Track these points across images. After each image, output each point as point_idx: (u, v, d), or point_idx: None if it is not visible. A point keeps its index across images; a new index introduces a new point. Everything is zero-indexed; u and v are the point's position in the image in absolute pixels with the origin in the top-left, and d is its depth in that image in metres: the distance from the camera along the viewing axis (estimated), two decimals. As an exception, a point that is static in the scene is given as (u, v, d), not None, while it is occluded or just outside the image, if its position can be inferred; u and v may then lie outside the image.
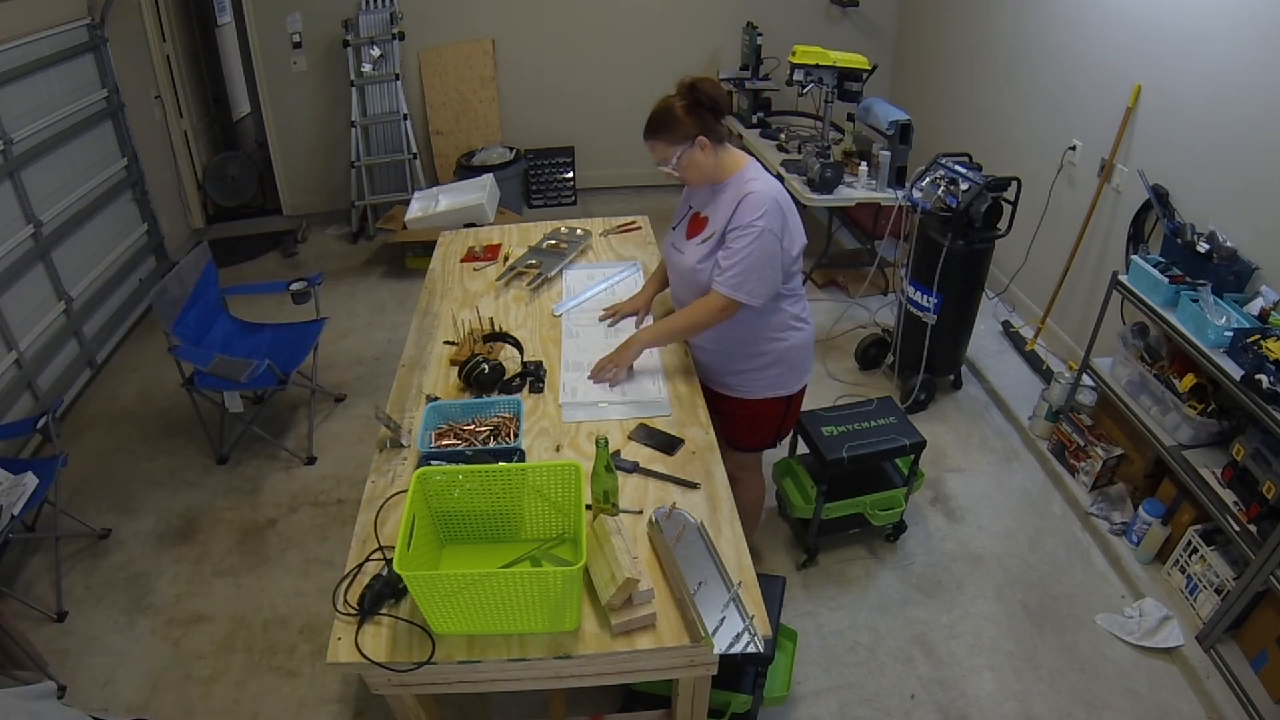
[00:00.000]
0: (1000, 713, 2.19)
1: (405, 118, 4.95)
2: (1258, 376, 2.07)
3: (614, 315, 2.34)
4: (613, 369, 2.04)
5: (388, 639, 1.42)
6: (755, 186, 1.90)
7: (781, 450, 2.75)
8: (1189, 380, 2.45)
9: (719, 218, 1.96)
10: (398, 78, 4.90)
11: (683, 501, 1.69)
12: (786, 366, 2.12)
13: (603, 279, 2.58)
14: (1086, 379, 2.93)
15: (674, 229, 2.15)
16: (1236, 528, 2.19)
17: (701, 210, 2.05)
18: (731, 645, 1.39)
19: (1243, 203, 2.57)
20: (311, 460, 3.20)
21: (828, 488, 2.49)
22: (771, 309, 2.01)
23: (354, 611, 1.46)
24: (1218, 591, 2.31)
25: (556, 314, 2.40)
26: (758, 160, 2.02)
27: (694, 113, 1.89)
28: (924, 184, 3.09)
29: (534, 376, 2.08)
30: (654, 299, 2.35)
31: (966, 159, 3.13)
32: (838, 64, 3.77)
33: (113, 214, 4.10)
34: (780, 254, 1.91)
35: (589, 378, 2.08)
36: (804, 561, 2.64)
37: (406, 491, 1.47)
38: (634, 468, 1.80)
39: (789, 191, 2.09)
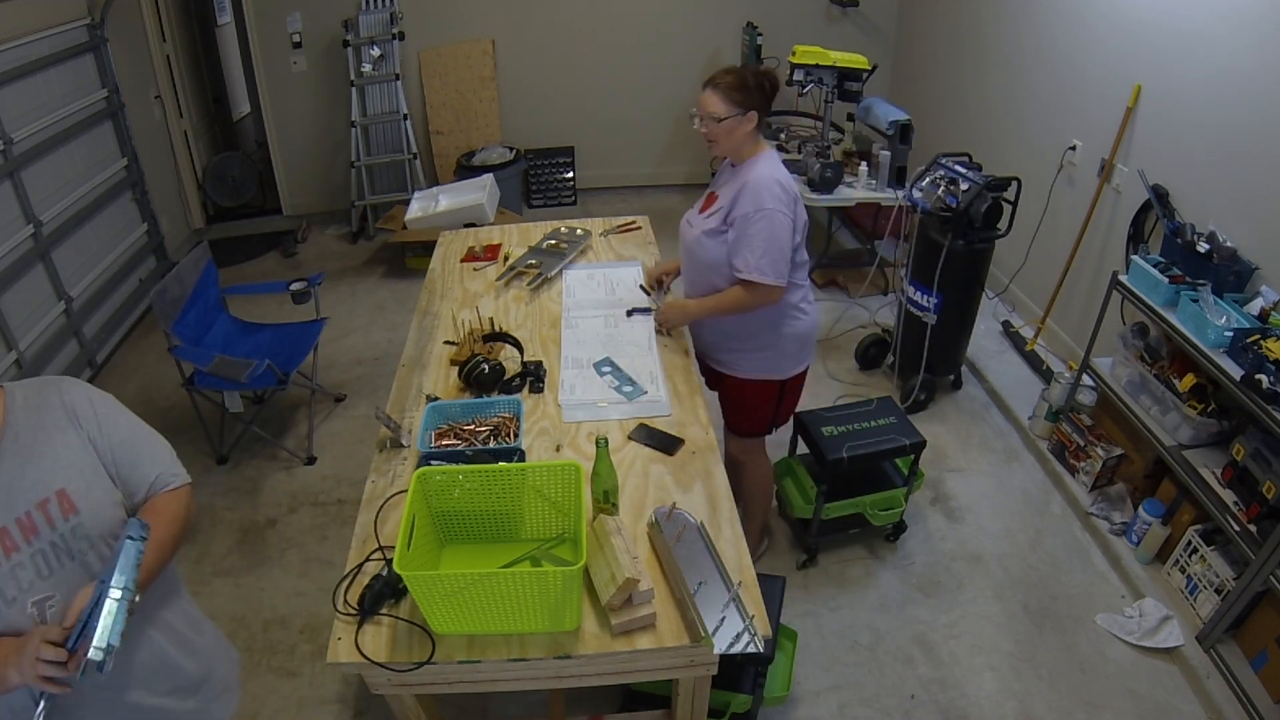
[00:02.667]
0: (1000, 713, 2.19)
1: (405, 118, 4.96)
2: (1258, 376, 2.07)
3: (658, 280, 2.45)
4: (664, 321, 2.26)
5: (388, 639, 1.42)
6: (758, 171, 2.00)
7: (781, 450, 2.76)
8: (1189, 380, 2.45)
9: (727, 196, 2.06)
10: (398, 78, 4.90)
11: (683, 501, 1.70)
12: (779, 352, 2.19)
13: (603, 282, 2.58)
14: (1086, 379, 2.93)
15: (693, 207, 2.26)
16: (1236, 528, 2.19)
17: (717, 190, 2.17)
18: (731, 645, 1.39)
19: (1243, 203, 2.57)
20: (311, 460, 3.20)
21: (828, 488, 2.49)
22: None
23: (354, 611, 1.46)
24: (1218, 591, 2.31)
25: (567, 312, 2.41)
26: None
27: (760, 91, 2.00)
28: (924, 184, 3.09)
29: (534, 376, 2.08)
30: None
31: (966, 159, 3.13)
32: (838, 64, 3.77)
33: (113, 214, 4.10)
34: (792, 232, 2.01)
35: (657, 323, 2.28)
36: (804, 561, 2.64)
37: (406, 491, 1.47)
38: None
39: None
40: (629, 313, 2.39)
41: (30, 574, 1.12)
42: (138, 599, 1.08)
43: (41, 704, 1.10)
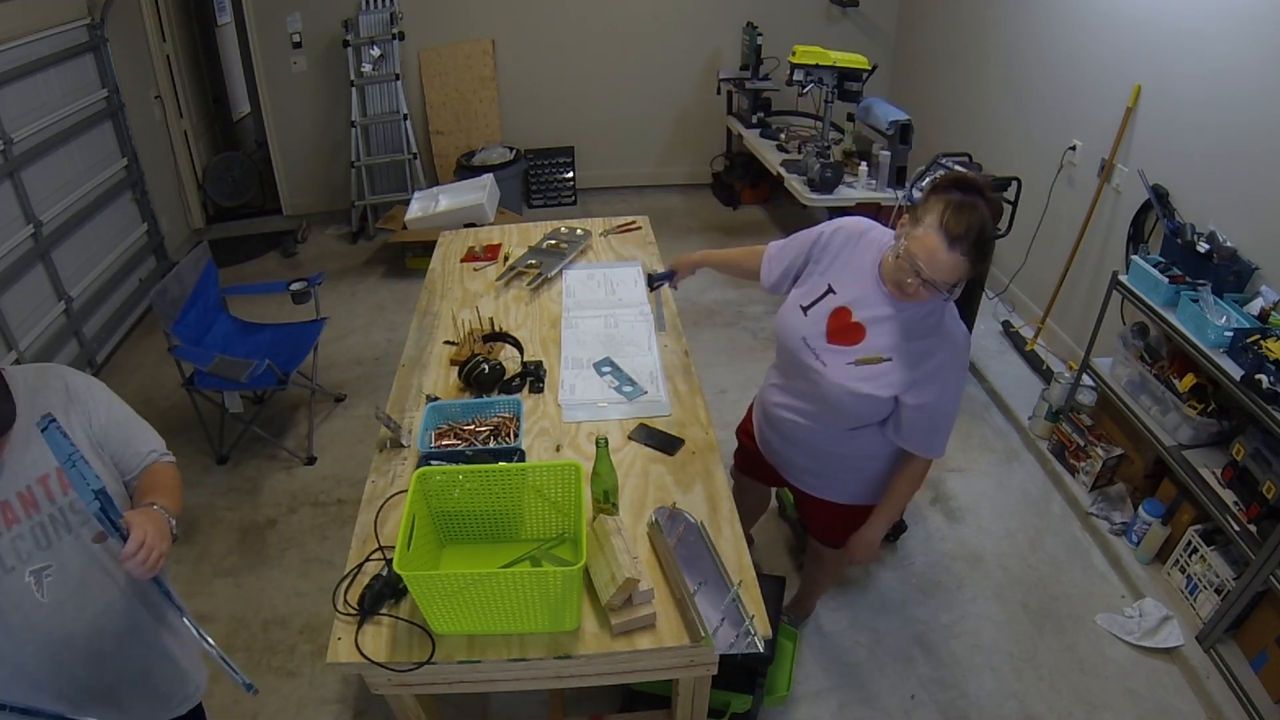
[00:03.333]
0: (1000, 713, 2.19)
1: (405, 118, 4.96)
2: (1258, 376, 2.07)
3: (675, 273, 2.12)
4: (865, 559, 1.88)
5: (388, 639, 1.42)
6: (954, 332, 1.58)
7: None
8: (1189, 380, 2.45)
9: (899, 351, 1.58)
10: (398, 78, 4.90)
11: (683, 501, 1.70)
12: (876, 477, 1.83)
13: (603, 282, 2.58)
14: (1086, 379, 2.93)
15: (805, 309, 1.69)
16: (1236, 528, 2.19)
17: (856, 312, 1.62)
18: (731, 645, 1.39)
19: (1243, 203, 2.56)
20: (311, 460, 3.20)
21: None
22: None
23: (354, 611, 1.46)
24: (1218, 591, 2.31)
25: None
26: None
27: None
28: (924, 184, 3.09)
29: (534, 376, 2.08)
30: (700, 266, 2.10)
31: (966, 159, 3.13)
32: (838, 64, 3.77)
33: (113, 214, 4.10)
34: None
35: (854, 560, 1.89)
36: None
37: (406, 491, 1.47)
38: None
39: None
40: (649, 281, 2.23)
41: (29, 545, 1.19)
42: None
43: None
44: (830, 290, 1.67)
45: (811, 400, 1.76)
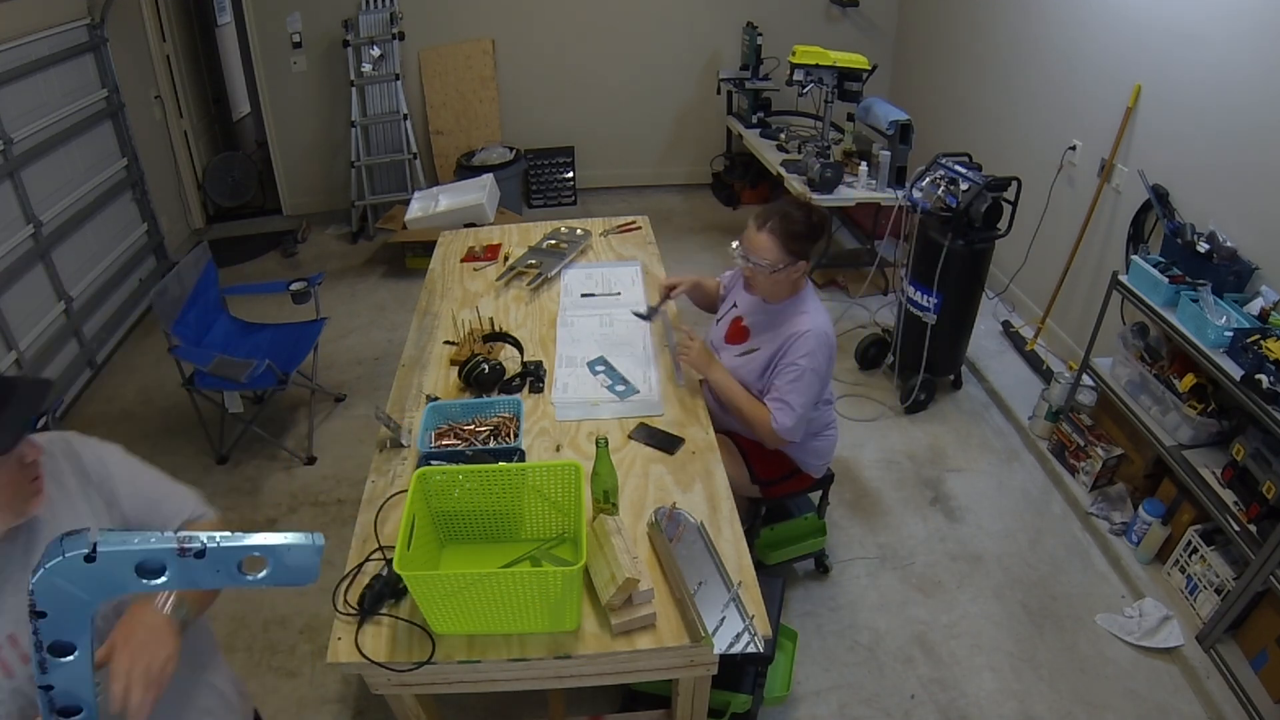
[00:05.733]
0: (1000, 713, 2.19)
1: (405, 118, 4.95)
2: (1258, 376, 2.07)
3: (669, 289, 2.29)
4: (686, 354, 2.05)
5: (388, 639, 1.43)
6: (807, 324, 1.97)
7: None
8: (1189, 380, 2.45)
9: (765, 339, 2.05)
10: (398, 78, 4.90)
11: (683, 501, 1.70)
12: (798, 456, 2.25)
13: (601, 281, 2.58)
14: (1086, 379, 2.93)
15: (716, 323, 2.26)
16: (1236, 528, 2.19)
17: (746, 318, 2.14)
18: (731, 645, 1.39)
19: (1243, 203, 2.56)
20: (311, 460, 3.20)
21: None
22: None
23: (354, 611, 1.46)
24: (1218, 591, 2.31)
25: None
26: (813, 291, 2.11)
27: (816, 238, 1.96)
28: (924, 184, 3.09)
29: (534, 376, 2.08)
30: (695, 286, 2.35)
31: (966, 159, 3.13)
32: (838, 64, 3.77)
33: (113, 214, 4.10)
34: (821, 393, 2.04)
35: (677, 353, 2.08)
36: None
37: (406, 491, 1.47)
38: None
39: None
40: (645, 315, 2.29)
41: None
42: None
43: None
44: (734, 304, 2.20)
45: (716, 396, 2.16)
